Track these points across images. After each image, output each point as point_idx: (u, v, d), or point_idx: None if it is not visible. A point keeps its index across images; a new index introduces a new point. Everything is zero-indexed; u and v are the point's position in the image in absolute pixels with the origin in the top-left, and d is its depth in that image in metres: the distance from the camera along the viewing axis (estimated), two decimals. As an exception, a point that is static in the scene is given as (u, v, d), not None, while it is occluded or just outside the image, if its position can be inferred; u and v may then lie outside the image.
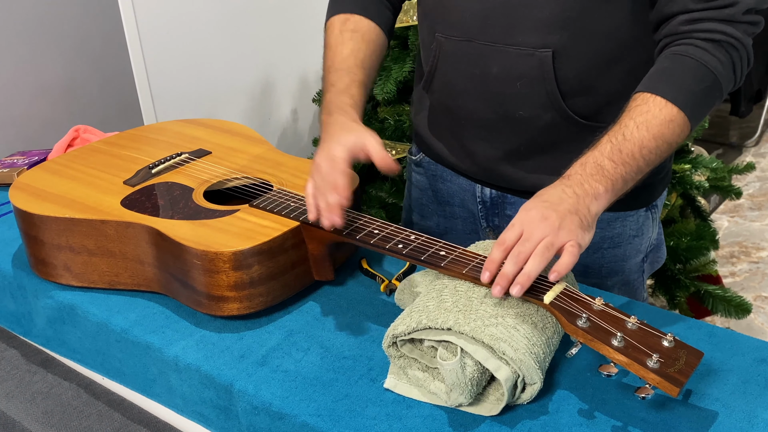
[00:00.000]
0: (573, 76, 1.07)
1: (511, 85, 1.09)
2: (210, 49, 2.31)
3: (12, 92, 1.89)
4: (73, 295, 1.10)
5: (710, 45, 0.96)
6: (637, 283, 1.26)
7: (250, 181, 1.18)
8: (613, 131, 0.95)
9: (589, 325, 0.81)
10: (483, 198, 1.24)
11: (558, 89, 1.07)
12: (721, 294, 2.03)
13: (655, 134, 0.93)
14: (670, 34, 0.99)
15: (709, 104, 0.99)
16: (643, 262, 1.25)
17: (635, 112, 0.95)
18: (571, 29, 1.04)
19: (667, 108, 0.94)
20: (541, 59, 1.05)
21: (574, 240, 0.86)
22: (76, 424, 1.07)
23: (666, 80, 0.96)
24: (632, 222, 1.19)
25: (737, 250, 2.91)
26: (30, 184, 1.18)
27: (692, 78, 0.96)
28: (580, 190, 0.90)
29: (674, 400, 0.83)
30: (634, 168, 0.93)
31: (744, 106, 3.64)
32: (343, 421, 0.83)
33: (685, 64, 0.96)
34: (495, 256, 0.86)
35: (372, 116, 2.16)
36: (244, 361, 0.94)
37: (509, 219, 1.20)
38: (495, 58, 1.08)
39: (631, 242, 1.20)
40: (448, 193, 1.29)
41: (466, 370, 0.80)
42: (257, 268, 0.98)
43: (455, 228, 1.31)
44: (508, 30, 1.06)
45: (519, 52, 1.06)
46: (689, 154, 2.06)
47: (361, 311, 1.03)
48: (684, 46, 0.97)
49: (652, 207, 1.21)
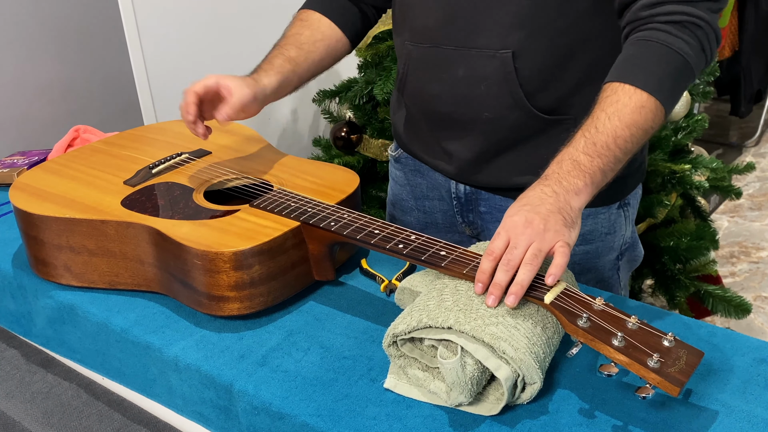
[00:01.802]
0: (535, 73, 1.09)
1: (476, 87, 1.11)
2: (210, 49, 2.31)
3: (12, 92, 1.89)
4: (73, 295, 1.10)
5: (673, 27, 0.96)
6: (612, 281, 1.27)
7: (250, 181, 1.18)
8: (586, 125, 0.95)
9: (590, 325, 0.81)
10: (458, 194, 1.26)
11: (521, 88, 1.09)
12: (721, 294, 2.03)
13: (628, 122, 0.94)
14: (632, 20, 1.00)
15: (681, 86, 0.99)
16: (617, 260, 1.26)
17: (606, 103, 0.95)
18: (529, 28, 1.06)
19: (637, 95, 0.94)
20: (503, 60, 1.08)
21: (562, 240, 0.87)
22: (76, 424, 1.07)
23: (633, 67, 0.96)
24: (604, 219, 1.20)
25: (737, 250, 2.91)
26: (30, 184, 1.18)
27: (658, 62, 0.96)
28: (559, 188, 0.90)
29: (674, 400, 0.83)
30: (610, 159, 0.93)
31: (744, 106, 3.64)
32: (343, 421, 0.83)
33: (650, 48, 0.96)
34: (485, 267, 0.87)
35: (372, 116, 2.16)
36: (244, 361, 0.94)
37: (482, 215, 1.24)
38: (460, 62, 1.11)
39: (603, 239, 1.21)
40: (427, 187, 1.31)
41: (466, 369, 0.80)
42: (258, 268, 0.98)
43: (435, 222, 1.33)
44: (470, 33, 1.09)
45: (481, 54, 1.09)
46: (689, 154, 2.06)
47: (361, 311, 1.03)
48: (647, 31, 0.97)
49: (624, 204, 1.22)
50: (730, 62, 3.52)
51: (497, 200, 1.22)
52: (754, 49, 3.51)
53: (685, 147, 2.05)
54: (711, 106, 4.10)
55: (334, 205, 1.06)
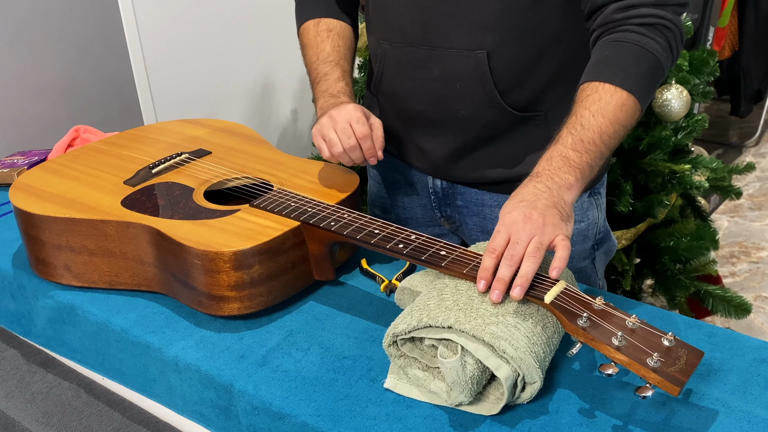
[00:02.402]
0: (509, 73, 1.12)
1: (451, 86, 1.14)
2: (210, 50, 2.32)
3: (12, 92, 1.89)
4: (73, 295, 1.10)
5: (645, 29, 1.01)
6: (588, 270, 1.30)
7: (250, 181, 1.18)
8: (571, 123, 0.98)
9: (590, 325, 0.81)
10: (435, 189, 1.29)
11: (495, 87, 1.12)
12: (721, 294, 2.03)
13: (612, 119, 0.97)
14: (605, 23, 1.03)
15: (654, 84, 1.03)
16: (593, 249, 1.29)
17: (588, 101, 0.99)
18: (502, 29, 1.09)
19: (618, 93, 0.98)
20: (477, 60, 1.11)
21: (562, 233, 0.89)
22: (76, 424, 1.07)
23: (611, 67, 1.00)
24: (576, 208, 1.22)
25: (737, 250, 2.91)
26: (30, 184, 1.18)
27: (635, 62, 1.00)
28: (551, 183, 0.93)
29: (674, 400, 0.83)
30: (597, 154, 0.97)
31: (744, 106, 3.64)
32: (343, 421, 0.83)
33: (625, 49, 1.01)
34: (487, 264, 0.87)
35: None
36: (244, 361, 0.94)
37: (460, 209, 1.27)
38: (435, 62, 1.14)
39: (576, 227, 1.23)
40: (404, 183, 1.33)
41: (466, 369, 0.80)
42: (258, 268, 0.98)
43: (415, 217, 1.35)
44: (444, 34, 1.12)
45: (456, 54, 1.12)
46: (689, 154, 2.06)
47: (361, 311, 1.03)
48: (621, 33, 1.02)
49: (594, 192, 1.26)
50: (730, 62, 3.52)
51: (473, 194, 1.25)
52: (754, 49, 3.50)
53: (685, 147, 2.05)
54: (711, 106, 4.10)
55: (334, 205, 1.06)
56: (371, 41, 1.26)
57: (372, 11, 1.23)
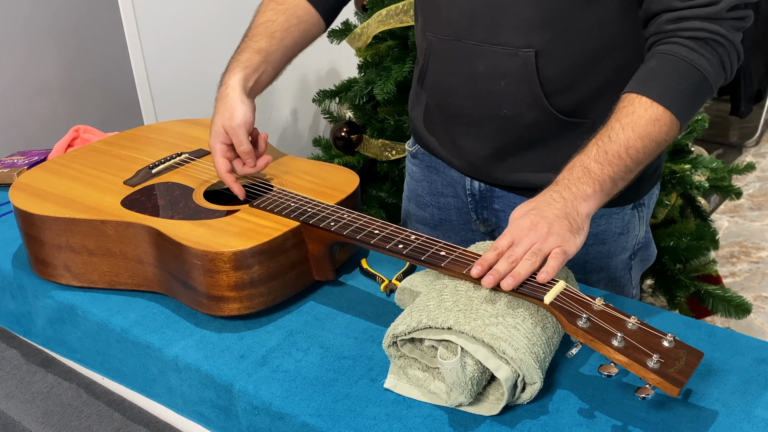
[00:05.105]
0: (556, 75, 1.08)
1: (496, 83, 1.11)
2: (210, 49, 2.31)
3: (12, 92, 1.89)
4: (73, 295, 1.10)
5: (695, 43, 0.97)
6: (623, 280, 1.27)
7: (250, 181, 1.18)
8: (600, 134, 0.96)
9: (590, 326, 0.81)
10: (472, 191, 1.26)
11: (541, 88, 1.09)
12: (721, 294, 2.03)
13: (642, 134, 0.95)
14: (657, 32, 1.00)
15: (698, 102, 1.00)
16: (630, 259, 1.27)
17: (621, 113, 0.96)
18: (554, 30, 1.05)
19: (653, 108, 0.95)
20: (525, 59, 1.07)
21: (562, 246, 0.89)
22: (76, 424, 1.07)
23: (651, 80, 0.97)
24: (618, 219, 1.20)
25: (737, 250, 2.91)
26: (30, 184, 1.18)
27: (678, 77, 0.97)
28: (567, 193, 0.92)
29: (674, 400, 0.83)
30: (621, 168, 0.95)
31: (744, 106, 3.64)
32: (343, 421, 0.83)
33: (670, 63, 0.97)
34: (488, 257, 0.89)
35: (372, 116, 2.16)
36: (244, 361, 0.94)
37: (497, 212, 1.24)
38: (481, 58, 1.11)
39: (616, 239, 1.22)
40: (442, 184, 1.31)
41: (466, 369, 0.80)
42: (257, 268, 0.98)
43: (450, 219, 1.33)
44: (493, 30, 1.08)
45: (504, 52, 1.08)
46: (689, 154, 2.06)
47: (361, 311, 1.03)
48: (669, 45, 0.98)
49: (638, 205, 1.22)
50: (730, 62, 3.51)
51: (512, 198, 1.22)
52: (753, 49, 3.50)
53: (685, 147, 2.05)
54: (711, 106, 4.10)
55: (334, 205, 1.06)
56: (417, 30, 1.23)
57: (421, 1, 1.19)
